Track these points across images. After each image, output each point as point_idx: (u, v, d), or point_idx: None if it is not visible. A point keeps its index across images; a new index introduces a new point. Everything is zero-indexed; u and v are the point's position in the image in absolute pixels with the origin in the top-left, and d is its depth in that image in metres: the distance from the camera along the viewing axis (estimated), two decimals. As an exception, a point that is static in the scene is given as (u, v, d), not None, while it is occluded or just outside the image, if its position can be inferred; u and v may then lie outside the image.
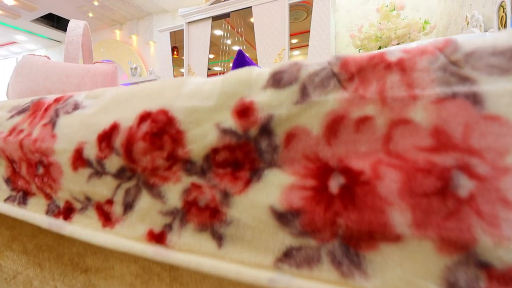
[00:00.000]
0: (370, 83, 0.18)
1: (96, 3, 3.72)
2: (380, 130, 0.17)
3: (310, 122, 0.18)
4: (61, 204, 0.28)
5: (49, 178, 0.27)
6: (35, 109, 0.32)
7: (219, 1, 2.99)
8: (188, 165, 0.22)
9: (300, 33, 2.99)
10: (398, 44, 2.22)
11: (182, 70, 3.42)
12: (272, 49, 2.75)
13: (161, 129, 0.22)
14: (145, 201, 0.23)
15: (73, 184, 0.26)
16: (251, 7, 2.85)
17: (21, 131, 0.31)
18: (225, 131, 0.20)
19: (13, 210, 0.31)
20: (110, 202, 0.25)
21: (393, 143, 0.17)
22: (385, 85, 0.17)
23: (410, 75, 0.17)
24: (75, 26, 0.71)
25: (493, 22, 1.37)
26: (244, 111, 0.20)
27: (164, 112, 0.22)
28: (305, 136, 0.19)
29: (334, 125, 0.18)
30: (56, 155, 0.27)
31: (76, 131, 0.26)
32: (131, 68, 4.17)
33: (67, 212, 0.28)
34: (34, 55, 0.65)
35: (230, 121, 0.20)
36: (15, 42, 5.32)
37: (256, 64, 1.04)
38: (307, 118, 0.19)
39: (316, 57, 2.55)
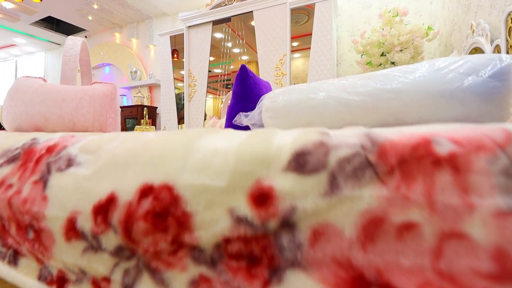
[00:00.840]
0: (415, 180, 0.15)
1: (95, 6, 3.69)
2: (428, 242, 0.14)
3: (341, 220, 0.16)
4: (54, 272, 0.25)
5: (40, 245, 0.25)
6: (25, 159, 0.30)
7: (219, 6, 2.96)
8: (196, 253, 0.19)
9: (301, 36, 2.96)
10: (401, 50, 2.20)
11: (182, 72, 3.39)
12: (273, 54, 2.72)
13: (165, 209, 0.19)
14: (147, 285, 0.20)
15: (66, 255, 0.24)
16: (252, 11, 2.82)
17: (10, 186, 0.28)
18: (239, 220, 0.18)
19: (3, 270, 0.29)
20: (107, 280, 0.22)
21: (445, 260, 0.14)
22: (434, 185, 0.14)
23: (464, 177, 0.14)
24: (72, 44, 0.68)
25: (500, 32, 1.34)
26: (261, 197, 0.17)
27: (168, 188, 0.20)
28: (336, 236, 0.16)
29: (371, 228, 0.15)
30: (48, 221, 0.24)
31: (69, 196, 0.23)
32: (131, 72, 4.14)
33: (60, 282, 0.25)
34: (29, 77, 0.62)
35: (245, 208, 0.18)
36: (14, 45, 5.29)
37: (258, 80, 1.01)
38: (337, 215, 0.16)
39: (318, 62, 2.52)
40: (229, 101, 1.39)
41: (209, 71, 3.26)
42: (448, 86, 0.63)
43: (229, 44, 3.37)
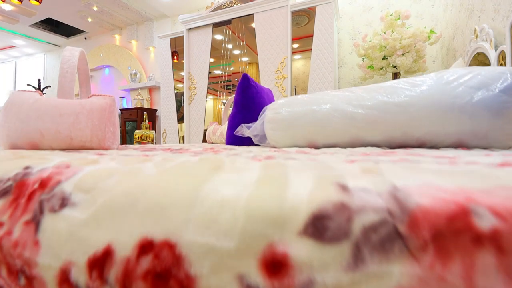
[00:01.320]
0: (452, 258, 0.13)
1: (95, 8, 3.68)
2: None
3: (366, 299, 0.14)
4: (47, 321, 0.24)
5: (32, 294, 0.23)
6: (17, 194, 0.28)
7: (220, 8, 2.94)
8: (201, 321, 0.17)
9: (301, 38, 2.94)
10: (403, 54, 2.18)
11: (182, 73, 3.38)
12: (274, 57, 2.70)
13: (167, 270, 0.18)
14: None
15: (59, 307, 0.22)
16: (252, 14, 2.80)
17: (1, 225, 0.26)
18: (250, 289, 0.16)
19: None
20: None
21: None
22: (474, 267, 0.13)
23: (510, 261, 0.12)
24: (70, 56, 0.66)
25: (505, 38, 1.33)
26: (275, 265, 0.16)
27: (170, 246, 0.18)
28: (360, 318, 0.14)
29: (402, 312, 0.13)
30: (40, 269, 0.22)
31: (62, 243, 0.22)
32: (131, 74, 4.12)
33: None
34: (25, 91, 0.60)
35: (256, 276, 0.16)
36: (13, 46, 5.27)
37: (260, 88, 0.99)
38: (362, 292, 0.14)
39: (319, 65, 2.50)
40: (231, 108, 1.37)
41: (209, 72, 3.25)
42: (458, 100, 0.61)
43: (230, 46, 3.36)
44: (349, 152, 0.55)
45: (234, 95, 1.54)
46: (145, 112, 2.02)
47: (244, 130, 0.83)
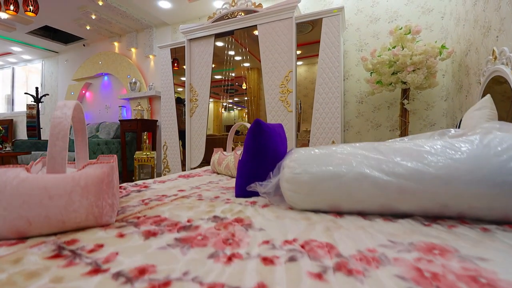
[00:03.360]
0: None
1: (93, 17, 3.59)
2: None
3: None
4: None
5: None
6: None
7: (222, 19, 2.86)
8: None
9: (304, 44, 2.86)
10: (413, 70, 2.10)
11: (182, 78, 3.30)
12: (278, 70, 2.62)
13: None
14: None
15: None
16: (256, 25, 2.71)
17: None
18: None
19: None
20: None
21: None
22: None
23: None
24: (61, 117, 0.57)
25: (528, 64, 1.25)
26: None
27: None
28: None
29: None
30: None
31: None
32: (130, 83, 4.03)
33: None
34: (8, 167, 0.52)
35: None
36: (10, 53, 5.18)
37: (272, 130, 0.91)
38: None
39: (325, 80, 2.41)
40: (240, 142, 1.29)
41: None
42: (510, 178, 0.53)
43: (232, 52, 3.28)
44: (388, 234, 0.47)
45: (245, 139, 1.44)
46: (145, 135, 1.94)
47: (258, 187, 0.75)
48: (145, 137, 1.89)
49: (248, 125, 1.40)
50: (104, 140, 3.40)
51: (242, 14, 2.75)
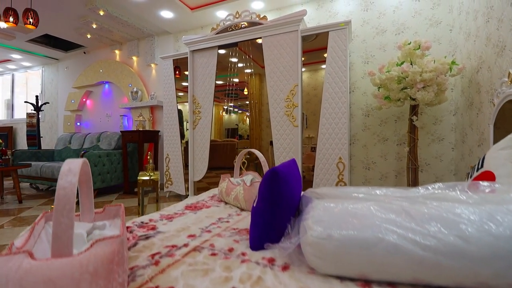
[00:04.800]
0: None
1: (94, 26, 3.53)
2: None
3: None
4: None
5: None
6: None
7: (226, 31, 2.81)
8: None
9: (308, 51, 2.80)
10: (423, 87, 2.05)
11: (184, 83, 3.26)
12: (283, 84, 2.57)
13: None
14: None
15: None
16: (260, 37, 2.66)
17: None
18: None
19: None
20: None
21: None
22: None
23: None
24: (66, 185, 0.51)
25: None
26: None
27: None
28: None
29: None
30: None
31: None
32: (132, 92, 3.98)
33: None
34: (10, 256, 0.47)
35: None
36: (9, 60, 5.12)
37: (288, 175, 0.86)
38: None
39: (331, 95, 2.36)
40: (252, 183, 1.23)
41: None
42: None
43: (234, 59, 3.23)
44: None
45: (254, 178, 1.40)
46: (149, 153, 1.89)
47: (277, 250, 0.70)
48: (148, 157, 1.84)
49: (258, 153, 1.34)
50: (105, 152, 3.35)
51: (246, 24, 2.70)
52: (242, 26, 2.70)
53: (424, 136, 2.53)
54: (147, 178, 1.83)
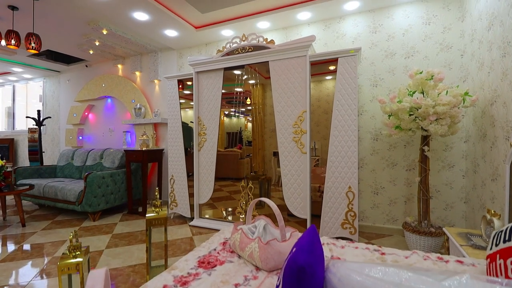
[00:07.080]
0: None
1: (97, 43, 3.48)
2: None
3: None
4: None
5: None
6: None
7: (232, 53, 2.76)
8: None
9: (313, 64, 2.75)
10: (436, 120, 2.01)
11: (186, 91, 3.21)
12: (291, 109, 2.52)
13: None
14: None
15: None
16: (267, 61, 2.62)
17: None
18: None
19: None
20: None
21: None
22: None
23: None
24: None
25: None
26: None
27: None
28: None
29: None
30: None
31: None
32: (135, 108, 3.93)
33: None
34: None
35: None
36: (10, 72, 5.07)
37: (314, 263, 0.82)
38: None
39: (340, 121, 2.32)
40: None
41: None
42: None
43: (238, 72, 3.17)
44: None
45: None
46: (156, 195, 1.85)
47: None
48: (156, 193, 1.81)
49: (270, 202, 1.30)
50: (109, 173, 3.31)
51: (252, 50, 2.65)
52: (250, 54, 2.65)
53: (434, 162, 2.49)
54: (155, 214, 1.79)
